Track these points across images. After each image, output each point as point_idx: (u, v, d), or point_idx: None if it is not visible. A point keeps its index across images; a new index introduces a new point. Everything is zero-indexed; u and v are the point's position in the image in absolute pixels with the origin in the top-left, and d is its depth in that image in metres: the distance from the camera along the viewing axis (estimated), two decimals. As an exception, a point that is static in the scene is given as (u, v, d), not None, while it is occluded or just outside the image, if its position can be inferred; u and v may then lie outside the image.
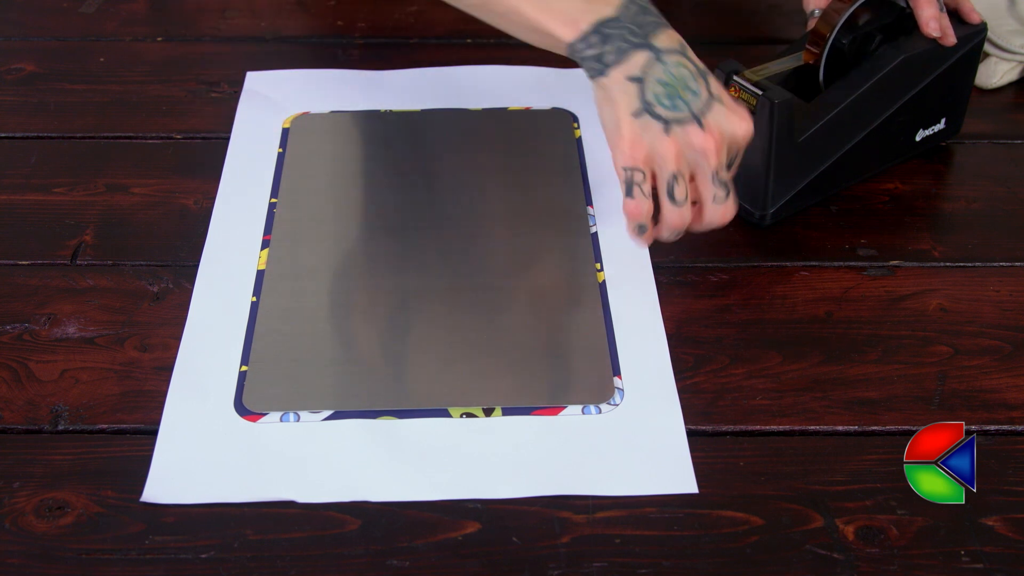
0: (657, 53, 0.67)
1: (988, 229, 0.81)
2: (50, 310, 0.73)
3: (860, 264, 0.78)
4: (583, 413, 0.67)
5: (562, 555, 0.59)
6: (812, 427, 0.66)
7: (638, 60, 0.67)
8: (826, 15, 0.78)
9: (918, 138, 0.85)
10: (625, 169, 0.68)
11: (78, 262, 0.77)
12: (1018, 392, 0.68)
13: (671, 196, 0.68)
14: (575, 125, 0.90)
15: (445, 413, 0.67)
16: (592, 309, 0.73)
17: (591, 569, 0.58)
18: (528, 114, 0.92)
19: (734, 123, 0.68)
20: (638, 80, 0.67)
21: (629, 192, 0.68)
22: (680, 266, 0.77)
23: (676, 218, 0.69)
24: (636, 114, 0.67)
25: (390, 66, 0.97)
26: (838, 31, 0.78)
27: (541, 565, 0.59)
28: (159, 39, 1.02)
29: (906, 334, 0.72)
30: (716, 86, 0.69)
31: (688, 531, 0.60)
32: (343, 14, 1.05)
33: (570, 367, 0.70)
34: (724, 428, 0.66)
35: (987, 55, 0.94)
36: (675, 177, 0.67)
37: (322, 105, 0.92)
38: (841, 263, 0.78)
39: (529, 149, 0.89)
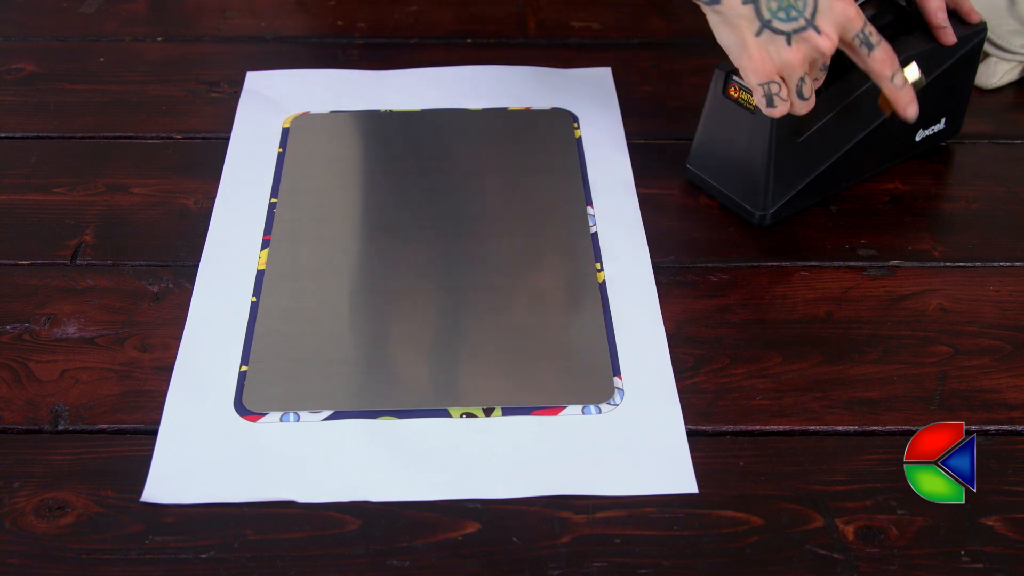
0: None
1: (988, 229, 0.81)
2: (50, 310, 0.73)
3: (860, 264, 0.78)
4: (583, 413, 0.67)
5: (562, 555, 0.59)
6: (812, 427, 0.66)
7: None
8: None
9: (918, 138, 0.85)
10: (761, 85, 0.72)
11: (78, 262, 0.77)
12: (1018, 392, 0.68)
13: (800, 95, 0.73)
14: (575, 125, 0.90)
15: (445, 413, 0.67)
16: (592, 309, 0.73)
17: (591, 569, 0.58)
18: (528, 114, 0.92)
19: (846, 14, 0.70)
20: (753, 1, 0.70)
21: (771, 103, 0.72)
22: (680, 266, 0.77)
23: (805, 108, 0.74)
24: (758, 33, 0.70)
25: (390, 66, 0.97)
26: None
27: (541, 565, 0.59)
28: (159, 39, 1.02)
29: (906, 334, 0.72)
30: None
31: (688, 531, 0.60)
32: (343, 14, 1.05)
33: (570, 367, 0.70)
34: (724, 428, 0.66)
35: (987, 55, 0.94)
36: (803, 79, 0.72)
37: (322, 105, 0.92)
38: (841, 263, 0.78)
39: (529, 149, 0.89)
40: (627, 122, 0.91)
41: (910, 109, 0.76)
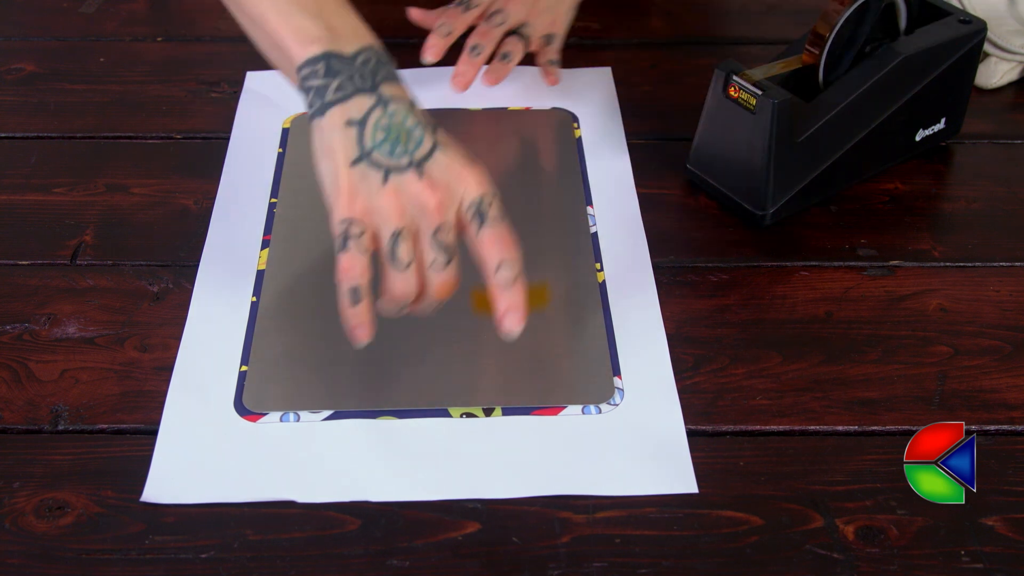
0: (382, 99, 0.61)
1: (988, 229, 0.81)
2: (50, 310, 0.73)
3: (860, 264, 0.78)
4: (583, 413, 0.67)
5: (562, 555, 0.59)
6: (812, 427, 0.66)
7: (360, 103, 0.61)
8: (826, 15, 0.78)
9: (918, 138, 0.85)
10: (340, 222, 0.60)
11: (78, 262, 0.77)
12: (1018, 392, 0.68)
13: (393, 257, 0.60)
14: (575, 125, 0.90)
15: (445, 413, 0.67)
16: (592, 309, 0.73)
17: (591, 569, 0.58)
18: (528, 114, 0.92)
19: (464, 176, 0.61)
20: (358, 124, 0.61)
21: (344, 245, 0.60)
22: (680, 266, 0.77)
23: (400, 285, 0.61)
24: (354, 162, 0.60)
25: (390, 66, 0.97)
26: (838, 31, 0.78)
27: (541, 565, 0.59)
28: (159, 39, 1.02)
29: (906, 334, 0.72)
30: (447, 139, 0.62)
31: (688, 531, 0.60)
32: (343, 14, 1.05)
33: (570, 367, 0.70)
34: (724, 428, 0.66)
35: (987, 55, 0.94)
36: (397, 236, 0.60)
37: (322, 105, 0.92)
38: (841, 263, 0.78)
39: (529, 149, 0.89)
40: (627, 122, 0.91)
41: (509, 319, 0.61)
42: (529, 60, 0.98)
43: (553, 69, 0.90)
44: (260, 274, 0.76)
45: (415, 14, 0.94)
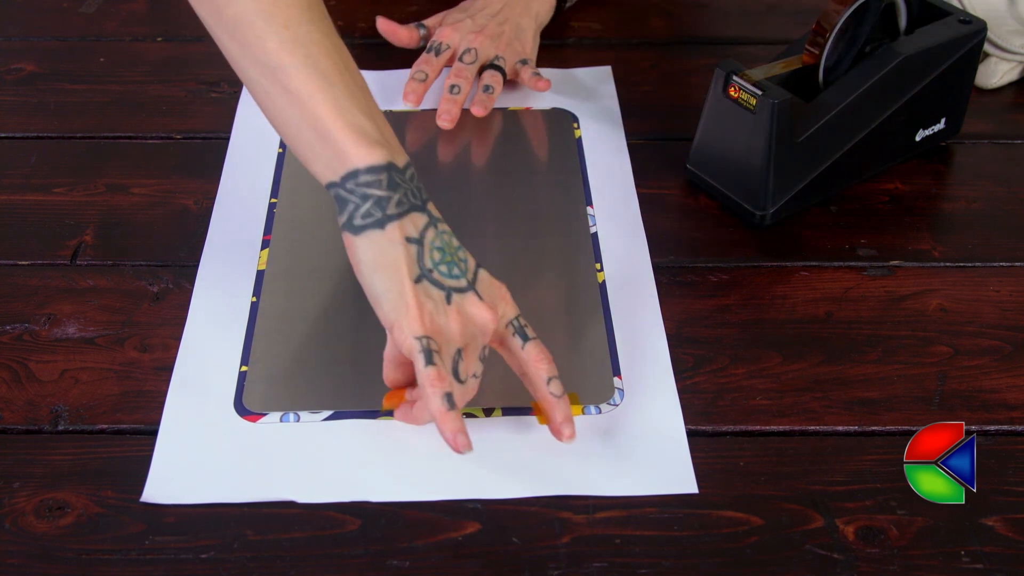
0: (432, 219, 0.62)
1: (988, 229, 0.81)
2: (50, 310, 0.73)
3: (860, 264, 0.78)
4: (583, 413, 0.67)
5: (562, 555, 0.59)
6: (812, 427, 0.66)
7: (416, 220, 0.61)
8: (826, 15, 0.78)
9: (918, 138, 0.85)
10: (419, 339, 0.60)
11: (78, 262, 0.77)
12: (1018, 392, 0.68)
13: (456, 374, 0.61)
14: (575, 125, 0.90)
15: (445, 413, 0.67)
16: (592, 309, 0.73)
17: (591, 569, 0.58)
18: (528, 114, 0.92)
19: (502, 295, 0.64)
20: (417, 242, 0.61)
21: (430, 361, 0.59)
22: (680, 266, 0.77)
23: (460, 395, 0.62)
24: (417, 279, 0.61)
25: (390, 66, 0.97)
26: (838, 31, 0.78)
27: (541, 565, 0.59)
28: (159, 39, 1.02)
29: (906, 334, 0.72)
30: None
31: (688, 531, 0.60)
32: (343, 14, 1.05)
33: (570, 367, 0.70)
34: (724, 428, 0.66)
35: (987, 55, 0.94)
36: (460, 353, 0.61)
37: (322, 105, 0.92)
38: (841, 263, 0.78)
39: (529, 149, 0.89)
40: (627, 122, 0.91)
41: (567, 429, 0.63)
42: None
43: (539, 78, 0.91)
44: (260, 274, 0.76)
45: (382, 24, 0.96)
